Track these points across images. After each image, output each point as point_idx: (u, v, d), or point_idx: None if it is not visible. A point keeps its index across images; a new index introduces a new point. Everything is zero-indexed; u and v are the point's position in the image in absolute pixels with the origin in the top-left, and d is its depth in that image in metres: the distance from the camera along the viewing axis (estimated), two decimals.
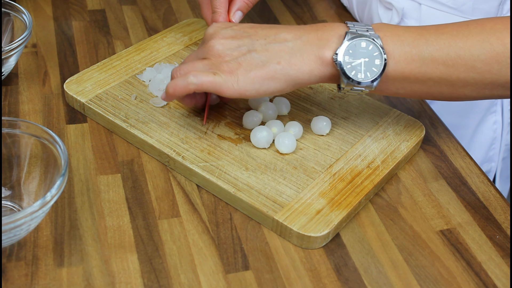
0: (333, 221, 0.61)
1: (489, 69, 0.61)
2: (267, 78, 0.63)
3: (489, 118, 0.93)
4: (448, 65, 0.62)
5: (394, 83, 0.64)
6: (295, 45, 0.64)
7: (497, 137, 0.95)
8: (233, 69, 0.63)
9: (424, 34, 0.63)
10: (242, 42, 0.65)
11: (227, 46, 0.65)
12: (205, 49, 0.66)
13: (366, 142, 0.71)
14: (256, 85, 0.63)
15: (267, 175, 0.65)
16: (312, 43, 0.64)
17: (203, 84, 0.62)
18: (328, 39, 0.64)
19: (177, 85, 0.64)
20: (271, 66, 0.63)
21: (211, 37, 0.66)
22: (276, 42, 0.64)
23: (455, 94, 0.64)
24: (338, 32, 0.64)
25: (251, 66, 0.63)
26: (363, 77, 0.63)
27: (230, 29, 0.67)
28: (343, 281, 0.58)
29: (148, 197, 0.64)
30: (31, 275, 0.56)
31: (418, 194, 0.68)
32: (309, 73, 0.63)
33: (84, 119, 0.73)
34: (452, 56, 0.61)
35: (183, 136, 0.69)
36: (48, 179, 0.59)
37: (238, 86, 0.63)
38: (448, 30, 0.62)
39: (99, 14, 0.92)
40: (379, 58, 0.62)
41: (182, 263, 0.58)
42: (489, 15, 0.86)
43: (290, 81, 0.64)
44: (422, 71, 0.62)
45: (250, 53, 0.64)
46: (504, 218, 0.66)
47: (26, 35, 0.72)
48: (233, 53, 0.64)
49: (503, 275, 0.60)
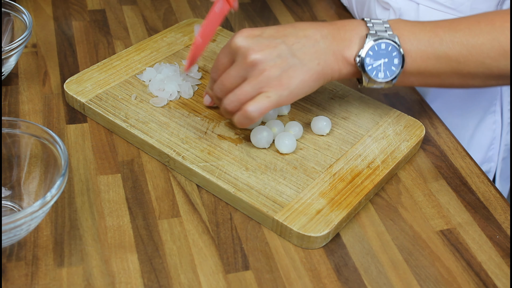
0: (333, 221, 0.61)
1: (497, 64, 0.66)
2: (312, 80, 0.65)
3: (488, 118, 0.93)
4: (460, 61, 0.66)
5: (409, 77, 0.69)
6: (325, 45, 0.66)
7: (496, 137, 0.95)
8: (282, 80, 0.63)
9: (438, 33, 0.66)
10: (280, 50, 0.64)
11: (268, 57, 0.64)
12: (247, 66, 0.64)
13: (366, 142, 0.71)
14: (305, 88, 0.65)
15: (267, 175, 0.65)
16: (338, 43, 0.66)
17: (262, 112, 0.63)
18: (350, 40, 0.67)
19: (242, 123, 0.65)
20: (313, 67, 0.65)
21: (248, 51, 0.64)
22: (309, 43, 0.65)
23: (464, 85, 0.70)
24: (359, 33, 0.67)
25: (296, 72, 0.64)
26: (383, 76, 0.67)
27: (261, 38, 0.65)
28: (343, 281, 0.58)
29: (148, 197, 0.64)
30: (31, 275, 0.56)
31: (418, 194, 0.68)
32: (338, 72, 0.67)
33: (84, 119, 0.73)
34: (464, 53, 0.66)
35: (183, 136, 0.69)
36: (48, 179, 0.59)
37: (291, 96, 0.64)
38: (460, 28, 0.66)
39: (99, 14, 0.92)
40: (397, 58, 0.67)
41: (182, 263, 0.58)
42: None
43: (326, 79, 0.67)
44: (437, 67, 0.67)
45: (292, 58, 0.64)
46: (504, 218, 0.66)
47: (26, 35, 0.72)
48: (276, 63, 0.63)
49: (503, 275, 0.60)
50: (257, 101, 0.63)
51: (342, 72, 0.67)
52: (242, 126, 0.65)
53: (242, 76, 0.64)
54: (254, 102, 0.63)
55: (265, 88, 0.63)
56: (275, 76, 0.63)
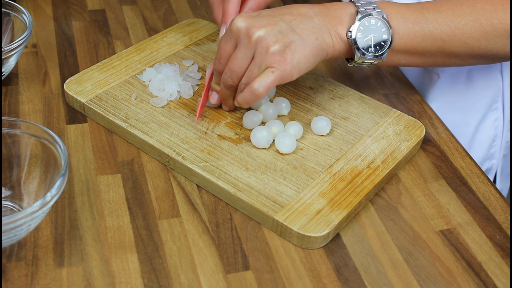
0: (333, 221, 0.61)
1: (478, 45, 0.71)
2: (313, 54, 0.67)
3: (490, 116, 0.93)
4: (445, 40, 0.70)
5: (397, 55, 0.72)
6: (320, 21, 0.69)
7: (498, 135, 0.95)
8: (285, 55, 0.65)
9: (423, 13, 0.70)
10: (280, 26, 0.66)
11: (271, 33, 0.65)
12: (251, 45, 0.65)
13: (366, 142, 0.71)
14: (307, 63, 0.67)
15: (267, 175, 0.65)
16: (330, 19, 0.69)
17: (268, 87, 0.65)
18: (341, 17, 0.70)
19: (248, 100, 0.66)
20: (312, 42, 0.67)
21: (250, 30, 0.66)
22: (305, 19, 0.68)
23: (447, 63, 0.74)
24: (349, 11, 0.70)
25: (297, 47, 0.66)
26: (373, 51, 0.70)
27: (260, 18, 0.67)
28: (343, 281, 0.58)
29: (148, 197, 0.64)
30: (31, 275, 0.56)
31: (418, 194, 0.68)
32: (332, 47, 0.69)
33: (84, 119, 0.73)
34: (448, 33, 0.70)
35: (183, 136, 0.69)
36: (48, 179, 0.59)
37: (295, 70, 0.65)
38: (444, 10, 0.70)
39: (99, 14, 0.92)
40: (386, 33, 0.70)
41: (182, 263, 0.58)
42: None
43: (324, 54, 0.69)
44: (422, 45, 0.71)
45: (292, 34, 0.66)
46: (504, 218, 0.66)
47: (26, 35, 0.72)
48: (278, 39, 0.65)
49: (503, 275, 0.60)
50: (262, 77, 0.65)
51: (336, 48, 0.69)
52: (248, 104, 0.66)
53: (249, 57, 0.66)
54: (260, 79, 0.65)
55: (269, 65, 0.65)
56: (278, 51, 0.65)
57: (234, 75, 0.67)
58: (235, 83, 0.68)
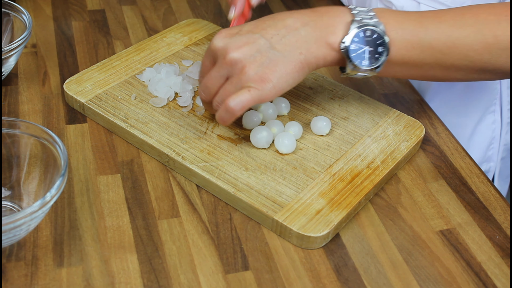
0: (333, 221, 0.61)
1: (480, 58, 0.65)
2: (296, 70, 0.64)
3: (487, 118, 0.93)
4: (444, 53, 0.66)
5: (393, 67, 0.68)
6: (307, 33, 0.65)
7: (495, 137, 0.95)
8: (263, 75, 0.63)
9: (423, 23, 0.66)
10: (259, 44, 0.64)
11: (247, 53, 0.63)
12: (226, 65, 0.64)
13: (366, 142, 0.71)
14: (290, 80, 0.64)
15: (267, 175, 0.65)
16: (321, 29, 0.65)
17: (244, 105, 0.62)
18: (334, 25, 0.66)
19: (223, 118, 0.64)
20: (295, 58, 0.64)
21: (226, 51, 0.64)
22: (289, 33, 0.65)
23: (446, 77, 0.69)
24: (344, 20, 0.66)
25: (277, 65, 0.63)
26: (367, 64, 0.66)
27: (239, 36, 0.65)
28: (342, 281, 0.58)
29: (147, 197, 0.64)
30: (30, 275, 0.56)
31: (418, 194, 0.68)
32: (323, 59, 0.66)
33: (84, 119, 0.73)
34: (448, 45, 0.65)
35: (183, 136, 0.69)
36: (48, 179, 0.59)
37: (274, 90, 0.63)
38: (445, 19, 0.66)
39: (99, 14, 0.92)
40: (382, 46, 0.65)
41: (181, 263, 0.58)
42: None
43: (311, 68, 0.66)
44: (421, 57, 0.66)
45: (271, 51, 0.63)
46: (504, 218, 0.66)
47: (26, 35, 0.72)
48: (256, 58, 0.63)
49: (503, 275, 0.60)
50: (238, 94, 0.62)
51: (327, 59, 0.66)
52: (225, 122, 0.64)
53: (224, 76, 0.64)
54: (235, 96, 0.62)
55: (246, 84, 0.63)
56: (255, 72, 0.63)
57: (207, 91, 0.66)
58: (208, 99, 0.66)
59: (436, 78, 0.70)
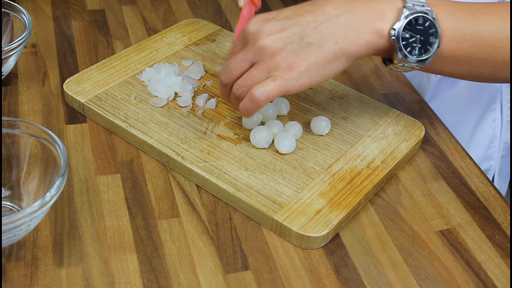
0: (333, 221, 0.61)
1: None
2: (329, 61, 0.61)
3: (488, 116, 0.93)
4: (496, 46, 0.62)
5: (442, 61, 0.64)
6: (348, 20, 0.62)
7: (496, 135, 0.95)
8: (292, 64, 0.60)
9: (475, 14, 0.62)
10: (292, 32, 0.61)
11: (278, 41, 0.61)
12: (255, 50, 0.62)
13: (366, 142, 0.71)
14: (319, 71, 0.61)
15: (266, 175, 0.65)
16: (367, 15, 0.62)
17: (269, 95, 0.60)
18: (384, 11, 0.62)
19: (247, 108, 0.62)
20: (329, 47, 0.61)
21: (257, 36, 0.62)
22: (327, 20, 0.62)
23: (494, 75, 0.65)
24: (395, 5, 0.63)
25: (309, 54, 0.61)
26: (417, 54, 0.63)
27: (274, 22, 0.62)
28: (342, 281, 0.58)
29: (147, 197, 0.64)
30: (30, 275, 0.56)
31: (417, 194, 0.68)
32: (366, 47, 0.62)
33: (84, 119, 0.73)
34: (501, 38, 0.62)
35: (183, 136, 0.69)
36: (48, 179, 0.59)
37: (302, 80, 0.60)
38: (498, 11, 0.63)
39: (99, 14, 0.92)
40: (434, 35, 0.62)
41: (181, 263, 0.58)
42: None
43: (350, 57, 0.62)
44: (471, 51, 0.63)
45: (304, 40, 0.61)
46: (503, 218, 0.66)
47: (25, 35, 0.72)
48: (286, 47, 0.61)
49: (503, 275, 0.60)
50: (264, 84, 0.60)
51: (371, 47, 0.62)
52: (248, 112, 0.62)
53: (250, 60, 0.62)
54: (260, 85, 0.60)
55: (273, 73, 0.61)
56: (284, 60, 0.60)
57: (228, 71, 0.63)
58: (227, 81, 0.64)
59: (483, 77, 0.66)
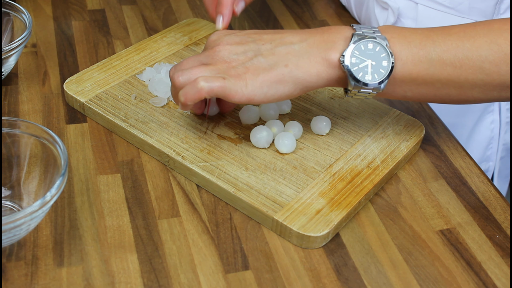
0: (333, 221, 0.61)
1: (497, 70, 0.60)
2: (275, 81, 0.62)
3: (486, 118, 0.94)
4: (456, 66, 0.61)
5: (401, 85, 0.63)
6: (302, 48, 0.63)
7: (494, 137, 0.95)
8: (241, 74, 0.62)
9: (431, 36, 0.62)
10: (248, 47, 0.64)
11: (233, 51, 0.63)
12: (210, 54, 0.64)
13: (366, 142, 0.71)
14: (264, 88, 0.62)
15: (267, 175, 0.65)
16: (319, 45, 0.63)
17: (213, 88, 0.61)
18: (334, 41, 0.63)
19: (188, 92, 0.62)
20: (279, 69, 0.62)
21: (215, 43, 0.65)
22: (282, 45, 0.63)
23: (463, 96, 0.64)
24: (344, 34, 0.63)
25: (258, 70, 0.62)
26: (370, 79, 0.62)
27: (234, 36, 0.65)
28: (342, 281, 0.58)
29: (148, 197, 0.64)
30: (30, 275, 0.56)
31: (418, 194, 0.68)
32: (316, 76, 0.63)
33: (84, 119, 0.73)
34: (459, 57, 0.61)
35: (183, 136, 0.69)
36: (48, 179, 0.59)
37: (247, 91, 0.61)
38: (455, 32, 0.62)
39: (99, 14, 0.92)
40: (386, 60, 0.62)
41: (181, 263, 0.58)
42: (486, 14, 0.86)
43: (298, 84, 0.63)
44: (430, 72, 0.62)
45: (257, 57, 0.63)
46: (504, 218, 0.66)
47: (26, 35, 0.72)
48: (239, 58, 0.63)
49: (503, 275, 0.60)
50: (212, 78, 0.61)
51: (322, 77, 0.63)
52: (186, 99, 0.62)
53: (202, 62, 0.64)
54: (208, 77, 0.61)
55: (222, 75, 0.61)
56: (235, 69, 0.62)
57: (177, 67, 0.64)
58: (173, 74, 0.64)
59: (452, 98, 0.64)
